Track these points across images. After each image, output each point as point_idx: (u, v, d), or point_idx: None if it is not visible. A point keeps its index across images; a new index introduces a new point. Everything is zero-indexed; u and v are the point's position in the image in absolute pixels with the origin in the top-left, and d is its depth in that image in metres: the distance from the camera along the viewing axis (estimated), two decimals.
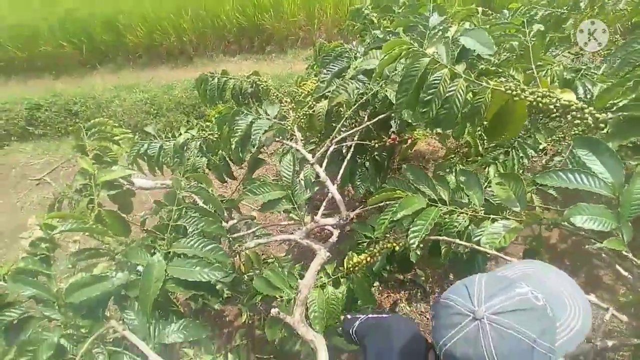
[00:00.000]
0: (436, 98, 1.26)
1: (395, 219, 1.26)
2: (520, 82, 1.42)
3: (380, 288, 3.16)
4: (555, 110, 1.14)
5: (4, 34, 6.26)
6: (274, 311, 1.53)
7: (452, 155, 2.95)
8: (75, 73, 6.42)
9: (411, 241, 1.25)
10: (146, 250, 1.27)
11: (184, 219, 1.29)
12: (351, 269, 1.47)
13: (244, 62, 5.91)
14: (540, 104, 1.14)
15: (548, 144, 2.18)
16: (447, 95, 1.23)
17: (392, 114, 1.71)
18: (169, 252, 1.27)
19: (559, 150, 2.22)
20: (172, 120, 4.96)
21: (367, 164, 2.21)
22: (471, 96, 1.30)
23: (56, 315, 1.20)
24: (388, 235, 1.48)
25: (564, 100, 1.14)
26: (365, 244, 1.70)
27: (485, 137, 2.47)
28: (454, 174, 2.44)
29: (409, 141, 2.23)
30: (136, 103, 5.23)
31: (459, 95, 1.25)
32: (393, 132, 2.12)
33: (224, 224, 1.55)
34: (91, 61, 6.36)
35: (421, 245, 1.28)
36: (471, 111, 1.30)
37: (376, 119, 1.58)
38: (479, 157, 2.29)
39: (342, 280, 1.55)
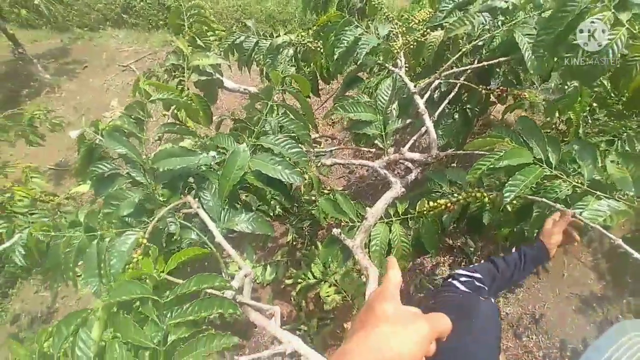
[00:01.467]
0: None
1: (497, 166, 1.15)
2: None
3: None
4: None
5: None
6: (335, 231, 1.51)
7: (548, 130, 2.68)
8: None
9: (506, 194, 1.15)
10: (233, 138, 1.27)
11: (277, 117, 1.26)
12: (425, 211, 1.40)
13: None
14: None
15: None
16: None
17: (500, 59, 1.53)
18: (255, 145, 1.26)
19: None
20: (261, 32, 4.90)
21: (456, 115, 2.06)
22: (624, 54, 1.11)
23: (140, 178, 1.25)
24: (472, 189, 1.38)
25: None
26: (438, 194, 1.61)
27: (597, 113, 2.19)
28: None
29: (511, 103, 2.02)
30: (228, 8, 5.21)
31: (615, 46, 1.06)
32: (490, 89, 1.94)
33: None
34: None
35: (514, 202, 1.18)
36: (620, 69, 1.12)
37: (494, 60, 1.41)
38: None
39: (410, 222, 1.48)
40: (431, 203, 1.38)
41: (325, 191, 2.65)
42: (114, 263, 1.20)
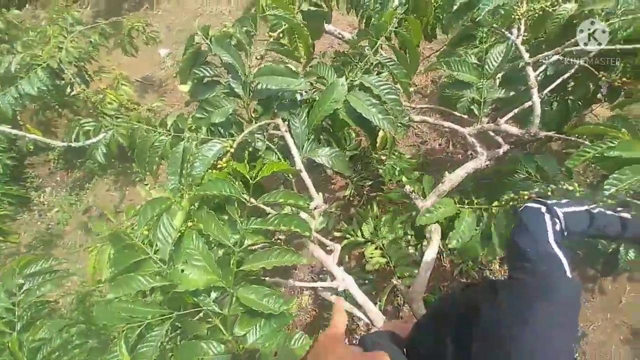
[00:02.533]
0: None
1: (606, 154, 1.06)
2: None
3: None
4: None
5: None
6: (408, 188, 1.50)
7: None
8: None
9: (606, 186, 1.06)
10: (334, 70, 1.26)
11: (382, 57, 1.23)
12: (504, 203, 1.32)
13: None
14: None
15: None
16: None
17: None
18: (354, 83, 1.25)
19: None
20: None
21: (555, 104, 1.91)
22: None
23: (239, 90, 1.28)
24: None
25: None
26: (520, 176, 1.52)
27: None
28: None
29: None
30: None
31: None
32: (601, 92, 1.76)
33: None
34: None
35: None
36: None
37: (630, 45, 1.26)
38: None
39: (485, 213, 1.41)
40: (512, 194, 1.30)
41: (396, 153, 2.61)
42: (197, 165, 1.26)
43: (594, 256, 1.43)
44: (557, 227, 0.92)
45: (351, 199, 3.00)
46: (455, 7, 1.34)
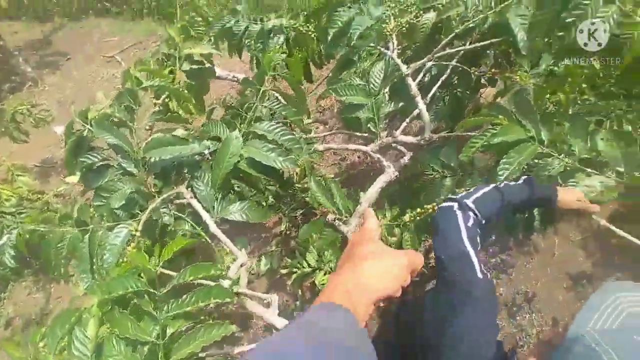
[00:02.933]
0: (579, 22, 1.08)
1: (492, 142, 1.15)
2: None
3: None
4: None
5: None
6: (330, 217, 1.51)
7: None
8: None
9: (500, 172, 1.15)
10: (226, 125, 1.24)
11: (269, 102, 1.23)
12: (413, 217, 1.37)
13: None
14: None
15: None
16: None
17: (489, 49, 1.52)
18: (248, 133, 1.23)
19: None
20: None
21: (447, 98, 2.05)
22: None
23: (132, 169, 1.22)
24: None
25: None
26: (431, 176, 1.60)
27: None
28: None
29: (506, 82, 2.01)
30: None
31: (606, 25, 1.06)
32: (482, 73, 1.92)
33: None
34: None
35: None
36: (612, 46, 1.13)
37: (487, 42, 1.40)
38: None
39: (396, 230, 1.46)
40: (418, 210, 1.35)
41: (319, 178, 2.64)
42: (106, 257, 1.18)
43: (513, 226, 1.52)
44: (471, 221, 1.00)
45: (288, 232, 2.98)
46: (330, 38, 1.38)
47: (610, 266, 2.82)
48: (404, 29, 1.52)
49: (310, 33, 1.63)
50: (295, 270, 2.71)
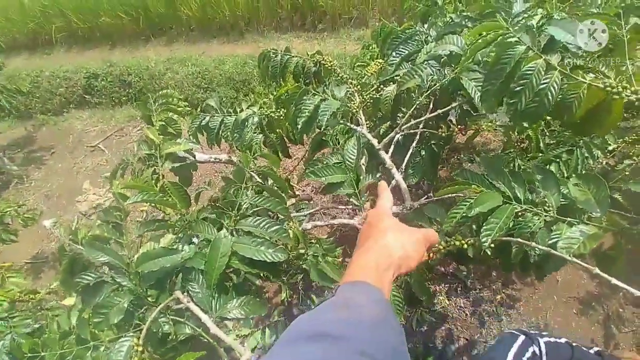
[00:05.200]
0: (527, 90, 1.17)
1: (469, 215, 1.20)
2: (612, 78, 1.31)
3: None
4: None
5: (70, 5, 6.51)
6: (328, 295, 1.52)
7: (511, 150, 2.82)
8: (130, 44, 6.61)
9: (483, 239, 1.19)
10: (212, 224, 1.29)
11: (252, 198, 1.29)
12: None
13: (295, 39, 5.85)
14: None
15: (618, 146, 2.02)
16: (539, 88, 1.14)
17: (454, 104, 1.63)
18: (235, 229, 1.28)
19: (630, 153, 2.04)
20: (222, 95, 5.01)
21: (423, 152, 2.14)
22: (563, 91, 1.20)
23: (126, 283, 1.24)
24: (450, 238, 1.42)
25: None
26: None
27: (549, 133, 2.32)
28: (515, 167, 2.31)
29: (473, 132, 2.13)
30: (187, 76, 5.32)
31: (552, 89, 1.15)
32: (450, 121, 2.03)
33: None
34: (146, 33, 6.52)
35: (492, 245, 1.22)
36: (562, 106, 1.21)
37: (449, 107, 1.50)
38: (540, 154, 2.17)
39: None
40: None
41: (312, 241, 2.66)
42: None
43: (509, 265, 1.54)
44: (531, 353, 1.03)
45: (290, 299, 2.96)
46: (299, 127, 1.47)
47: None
48: (368, 104, 1.63)
49: (281, 117, 1.73)
50: None
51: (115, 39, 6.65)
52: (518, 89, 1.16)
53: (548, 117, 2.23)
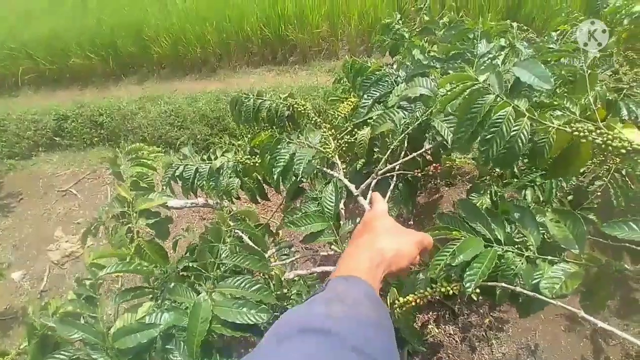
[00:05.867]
0: (497, 137, 1.19)
1: (453, 264, 1.19)
2: (577, 114, 1.35)
3: None
4: (625, 153, 1.07)
5: (38, 47, 6.43)
6: None
7: (486, 177, 2.88)
8: (101, 84, 6.54)
9: (467, 285, 1.18)
10: (190, 288, 1.24)
11: (230, 257, 1.26)
12: (397, 307, 1.40)
13: (267, 73, 5.91)
14: (610, 147, 1.07)
15: (588, 167, 2.09)
16: (510, 135, 1.16)
17: (427, 147, 1.66)
18: (214, 291, 1.24)
19: (600, 174, 2.11)
20: (196, 132, 4.97)
21: (400, 185, 2.16)
22: (533, 136, 1.23)
23: (104, 359, 1.18)
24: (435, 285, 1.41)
25: (636, 144, 1.06)
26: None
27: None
28: (489, 195, 2.34)
29: (447, 168, 2.17)
30: (160, 115, 5.27)
31: (522, 136, 1.18)
32: (426, 152, 2.07)
33: None
34: (117, 72, 6.47)
35: (477, 291, 1.21)
36: (533, 151, 1.23)
37: (422, 150, 1.52)
38: (514, 179, 2.22)
39: None
40: (401, 299, 1.38)
41: (295, 279, 2.62)
42: None
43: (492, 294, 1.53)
44: None
45: None
46: (275, 176, 1.46)
47: (598, 294, 2.88)
48: (344, 147, 1.64)
49: (257, 164, 1.72)
50: None
51: (85, 79, 6.57)
52: (489, 136, 1.18)
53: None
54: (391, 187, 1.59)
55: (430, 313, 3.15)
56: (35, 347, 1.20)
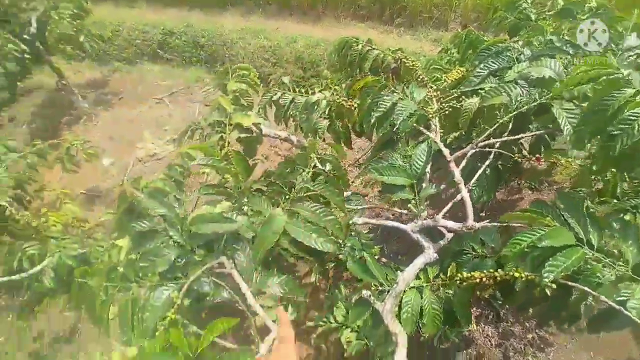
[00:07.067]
0: (625, 135, 1.07)
1: (539, 245, 1.12)
2: None
3: None
4: None
5: None
6: (365, 293, 1.50)
7: (582, 189, 2.63)
8: (208, 9, 6.76)
9: (545, 275, 1.12)
10: (268, 201, 1.29)
11: (313, 184, 1.28)
12: (458, 280, 1.37)
13: (371, 30, 5.75)
14: None
15: None
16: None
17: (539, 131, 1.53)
18: (290, 210, 1.27)
19: None
20: (289, 72, 5.02)
21: (488, 170, 2.06)
22: None
23: (177, 237, 1.28)
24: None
25: None
26: (469, 255, 1.58)
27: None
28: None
29: (550, 164, 1.99)
30: (258, 48, 5.38)
31: None
32: (521, 144, 1.92)
33: None
34: (225, 0, 6.65)
35: (554, 285, 1.14)
36: None
37: (532, 134, 1.41)
38: (614, 200, 2.00)
39: (441, 289, 1.46)
40: (464, 274, 1.35)
41: (352, 233, 2.64)
42: (146, 317, 1.21)
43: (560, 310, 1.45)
44: None
45: (318, 283, 2.96)
46: (372, 120, 1.44)
47: None
48: (446, 111, 1.56)
49: (353, 107, 1.70)
50: (321, 324, 2.67)
51: (194, 2, 6.83)
52: (616, 132, 1.06)
53: None
54: (485, 164, 1.50)
55: (474, 308, 3.04)
56: (122, 211, 1.33)
